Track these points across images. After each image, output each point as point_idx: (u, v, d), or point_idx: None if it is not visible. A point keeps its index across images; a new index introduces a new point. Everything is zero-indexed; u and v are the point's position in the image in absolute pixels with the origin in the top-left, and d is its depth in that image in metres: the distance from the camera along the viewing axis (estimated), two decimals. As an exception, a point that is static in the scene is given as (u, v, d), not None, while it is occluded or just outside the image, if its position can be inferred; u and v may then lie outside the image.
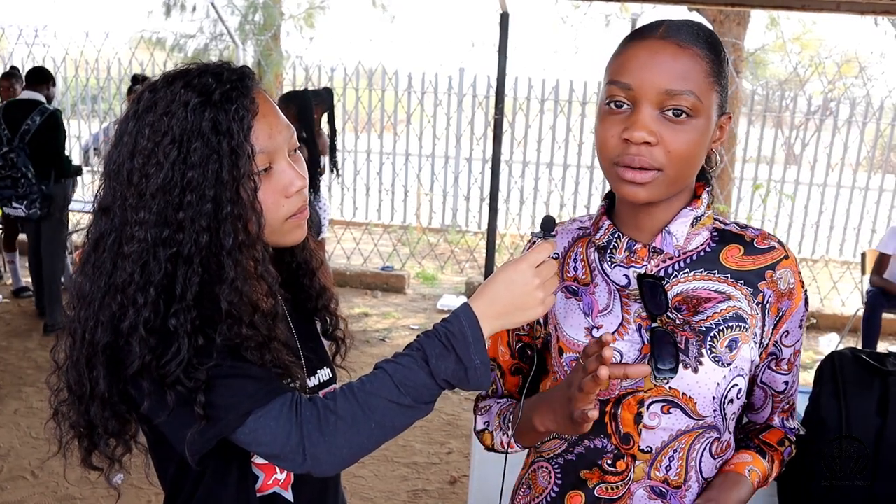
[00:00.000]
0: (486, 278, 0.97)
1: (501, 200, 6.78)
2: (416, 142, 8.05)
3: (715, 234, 1.08)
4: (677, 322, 1.02)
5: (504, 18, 5.04)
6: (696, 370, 1.00)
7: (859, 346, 4.80)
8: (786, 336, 1.09)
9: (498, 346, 1.20)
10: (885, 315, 5.04)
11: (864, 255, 5.39)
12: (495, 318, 0.92)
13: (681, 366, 0.99)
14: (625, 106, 0.95)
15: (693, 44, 0.94)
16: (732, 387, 1.03)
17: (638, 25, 6.20)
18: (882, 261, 5.00)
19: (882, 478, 1.92)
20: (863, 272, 5.31)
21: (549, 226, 1.00)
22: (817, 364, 2.17)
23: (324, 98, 4.65)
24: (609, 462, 1.05)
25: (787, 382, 1.13)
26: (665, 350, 0.98)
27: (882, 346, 5.37)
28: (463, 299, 6.07)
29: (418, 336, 0.93)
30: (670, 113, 0.93)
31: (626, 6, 8.91)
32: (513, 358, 1.19)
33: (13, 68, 5.47)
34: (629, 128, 0.93)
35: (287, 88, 8.56)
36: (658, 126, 0.93)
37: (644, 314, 1.02)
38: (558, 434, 1.09)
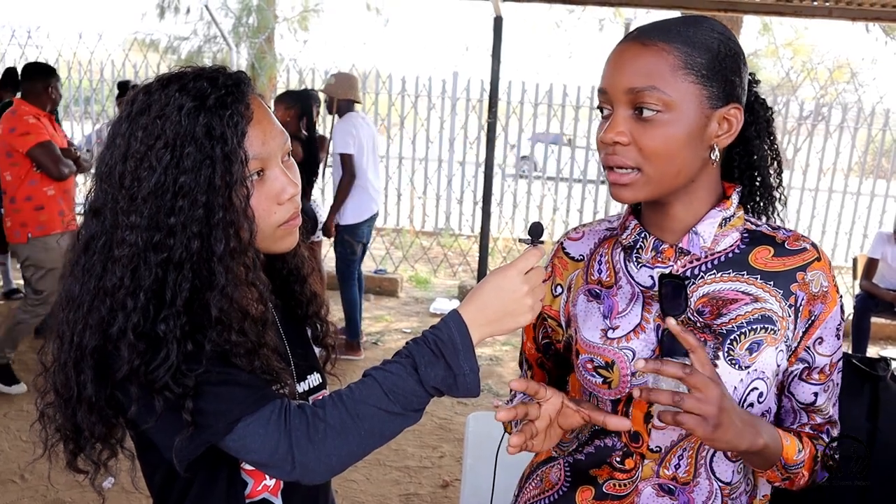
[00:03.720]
0: (478, 282, 0.98)
1: (494, 204, 6.78)
2: (409, 145, 8.04)
3: (745, 235, 1.06)
4: (697, 325, 1.02)
5: (498, 23, 5.06)
6: None
7: (850, 351, 4.82)
8: (819, 343, 1.04)
9: (527, 341, 1.21)
10: (876, 319, 5.08)
11: (855, 260, 5.42)
12: (485, 324, 0.92)
13: None
14: (608, 111, 0.98)
15: (660, 40, 0.94)
16: (751, 390, 1.00)
17: (631, 30, 6.27)
18: (871, 265, 5.05)
19: (875, 482, 1.93)
20: (854, 277, 5.34)
21: (537, 232, 1.00)
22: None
23: (302, 100, 4.60)
24: (618, 459, 1.06)
25: (815, 394, 1.06)
26: (675, 351, 0.98)
27: (873, 351, 5.40)
28: (456, 303, 6.07)
29: (407, 343, 0.93)
30: (641, 111, 0.94)
31: (619, 11, 8.93)
32: (538, 352, 1.20)
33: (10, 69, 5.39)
34: (604, 131, 0.97)
35: (281, 91, 8.56)
36: (630, 125, 0.95)
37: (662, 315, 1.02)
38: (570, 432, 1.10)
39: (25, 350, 4.53)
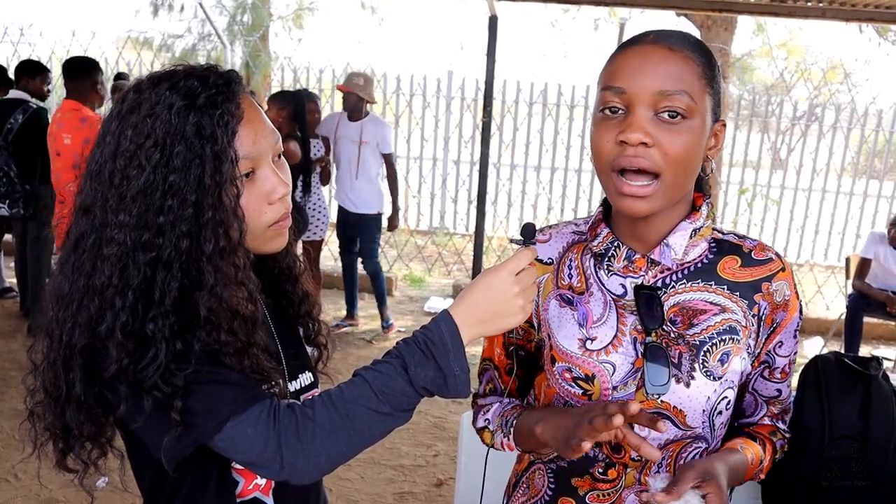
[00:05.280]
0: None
1: (489, 203, 6.79)
2: (404, 144, 8.05)
3: (713, 244, 1.07)
4: (671, 335, 1.02)
5: (493, 22, 5.05)
6: (688, 384, 1.01)
7: (842, 350, 4.85)
8: (780, 346, 1.09)
9: (493, 347, 1.20)
10: (868, 319, 5.11)
11: (848, 260, 5.45)
12: (475, 325, 0.92)
13: (673, 380, 1.00)
14: (619, 111, 0.95)
15: (683, 47, 0.95)
16: (722, 399, 1.03)
17: (626, 29, 6.19)
18: (863, 265, 5.08)
19: (868, 480, 1.94)
20: (847, 276, 5.36)
21: (529, 233, 1.00)
22: (802, 368, 2.18)
23: (293, 101, 4.60)
24: (600, 470, 1.06)
25: (779, 390, 1.13)
26: (658, 366, 0.99)
27: (866, 350, 5.42)
28: (451, 302, 6.06)
29: (397, 343, 0.93)
30: (665, 115, 0.93)
31: (614, 10, 8.94)
32: (507, 358, 1.18)
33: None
34: (625, 130, 0.93)
35: (276, 90, 8.53)
36: (653, 128, 0.93)
37: (639, 327, 1.02)
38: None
39: (18, 348, 4.52)
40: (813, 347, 5.53)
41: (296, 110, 4.54)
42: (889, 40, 10.28)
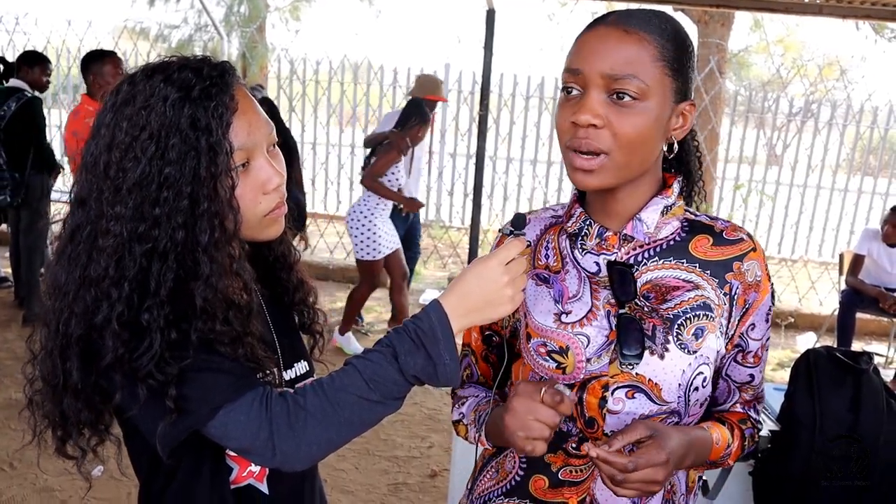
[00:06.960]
0: (463, 273, 0.98)
1: (485, 196, 6.79)
2: (400, 137, 8.04)
3: (685, 224, 1.09)
4: (645, 309, 1.04)
5: (490, 15, 5.05)
6: (662, 356, 1.02)
7: (835, 345, 4.87)
8: (752, 329, 1.10)
9: (471, 332, 1.21)
10: (861, 315, 5.14)
11: (841, 256, 5.48)
12: (465, 314, 0.94)
13: (647, 352, 1.01)
14: (575, 91, 0.97)
15: (641, 29, 0.96)
16: (698, 374, 1.05)
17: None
18: (857, 261, 5.11)
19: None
20: (840, 273, 5.39)
21: (519, 223, 1.01)
22: (794, 362, 2.20)
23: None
24: (574, 445, 1.07)
25: (752, 375, 1.15)
26: (631, 336, 1.01)
27: (858, 346, 5.45)
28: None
29: (388, 332, 0.94)
30: (616, 96, 0.95)
31: (611, 5, 8.92)
32: (483, 344, 1.20)
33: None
34: (576, 112, 0.96)
35: (272, 81, 8.52)
36: (605, 109, 0.95)
37: (613, 301, 1.04)
38: None
39: (13, 338, 4.52)
40: (806, 343, 5.56)
41: (270, 113, 4.45)
42: (885, 38, 10.30)
